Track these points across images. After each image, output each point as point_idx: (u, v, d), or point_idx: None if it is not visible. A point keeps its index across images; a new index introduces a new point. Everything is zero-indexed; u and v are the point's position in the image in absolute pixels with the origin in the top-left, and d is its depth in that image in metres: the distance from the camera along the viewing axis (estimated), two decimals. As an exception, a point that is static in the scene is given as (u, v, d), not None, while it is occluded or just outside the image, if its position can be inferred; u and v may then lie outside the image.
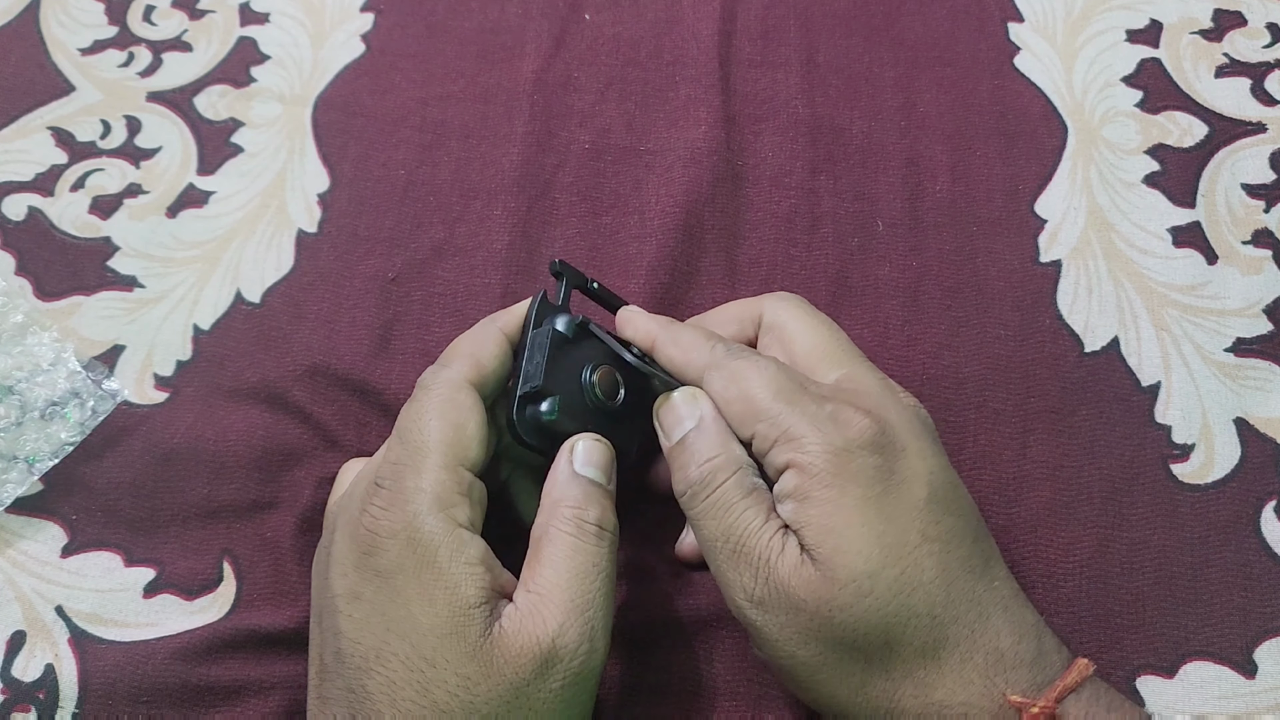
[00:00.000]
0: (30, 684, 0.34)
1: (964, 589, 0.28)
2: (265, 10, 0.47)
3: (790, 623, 0.28)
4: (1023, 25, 0.46)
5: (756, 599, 0.28)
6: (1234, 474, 0.36)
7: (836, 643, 0.28)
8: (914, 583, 0.27)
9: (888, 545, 0.28)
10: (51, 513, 0.37)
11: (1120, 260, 0.41)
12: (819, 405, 0.29)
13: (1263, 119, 0.43)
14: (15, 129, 0.44)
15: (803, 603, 0.27)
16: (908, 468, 0.29)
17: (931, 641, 0.27)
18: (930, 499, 0.28)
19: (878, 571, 0.27)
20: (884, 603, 0.27)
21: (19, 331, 0.39)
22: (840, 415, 0.29)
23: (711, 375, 0.31)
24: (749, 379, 0.30)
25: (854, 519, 0.28)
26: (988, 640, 0.28)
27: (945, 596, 0.28)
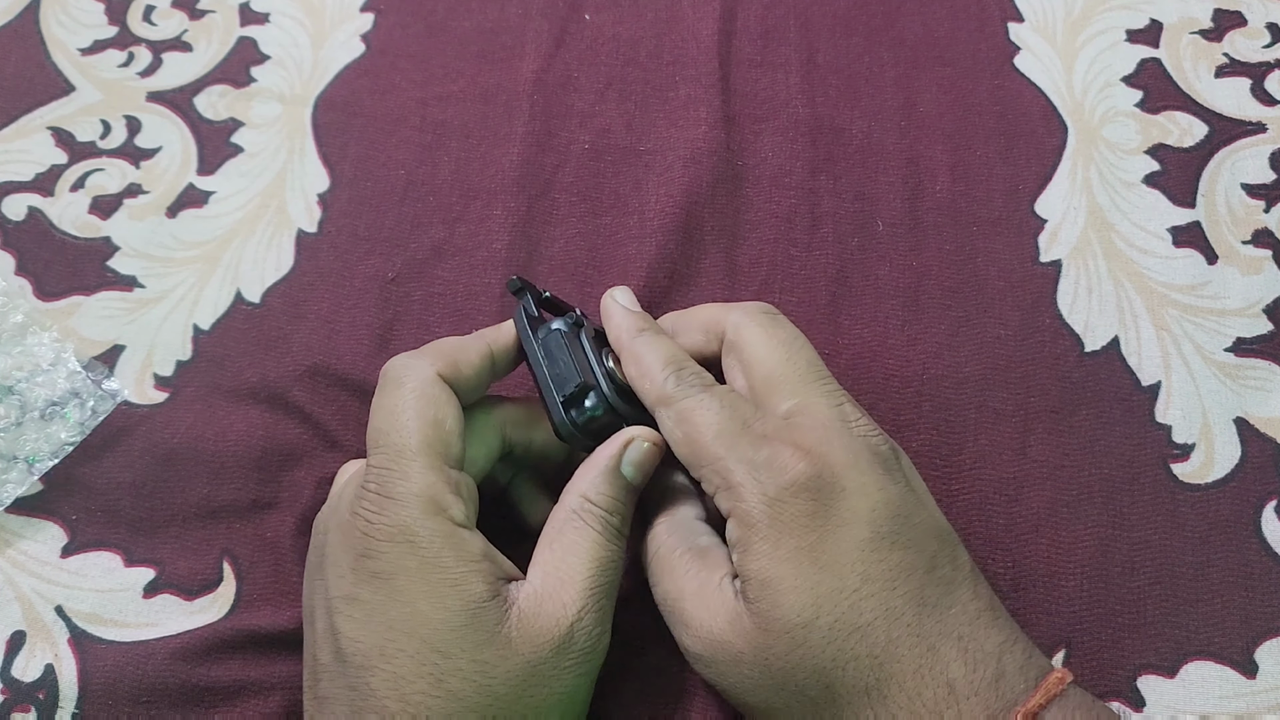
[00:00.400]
0: (30, 684, 0.34)
1: (909, 625, 0.27)
2: (265, 10, 0.47)
3: (734, 673, 0.28)
4: (1023, 25, 0.46)
5: (696, 656, 0.29)
6: (1234, 474, 0.36)
7: (779, 689, 0.28)
8: (851, 626, 0.27)
9: (822, 595, 0.27)
10: (51, 513, 0.37)
11: (1120, 260, 0.41)
12: (755, 449, 0.29)
13: (1263, 119, 0.43)
14: (15, 129, 0.44)
15: (741, 654, 0.28)
16: (847, 508, 0.28)
17: (875, 681, 0.27)
18: (874, 538, 0.28)
19: (811, 621, 0.27)
20: (818, 651, 0.27)
21: (19, 332, 0.39)
22: (776, 460, 0.29)
23: (661, 413, 0.31)
24: (694, 420, 0.30)
25: (788, 570, 0.28)
26: (937, 674, 0.27)
27: (887, 637, 0.27)
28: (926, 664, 0.27)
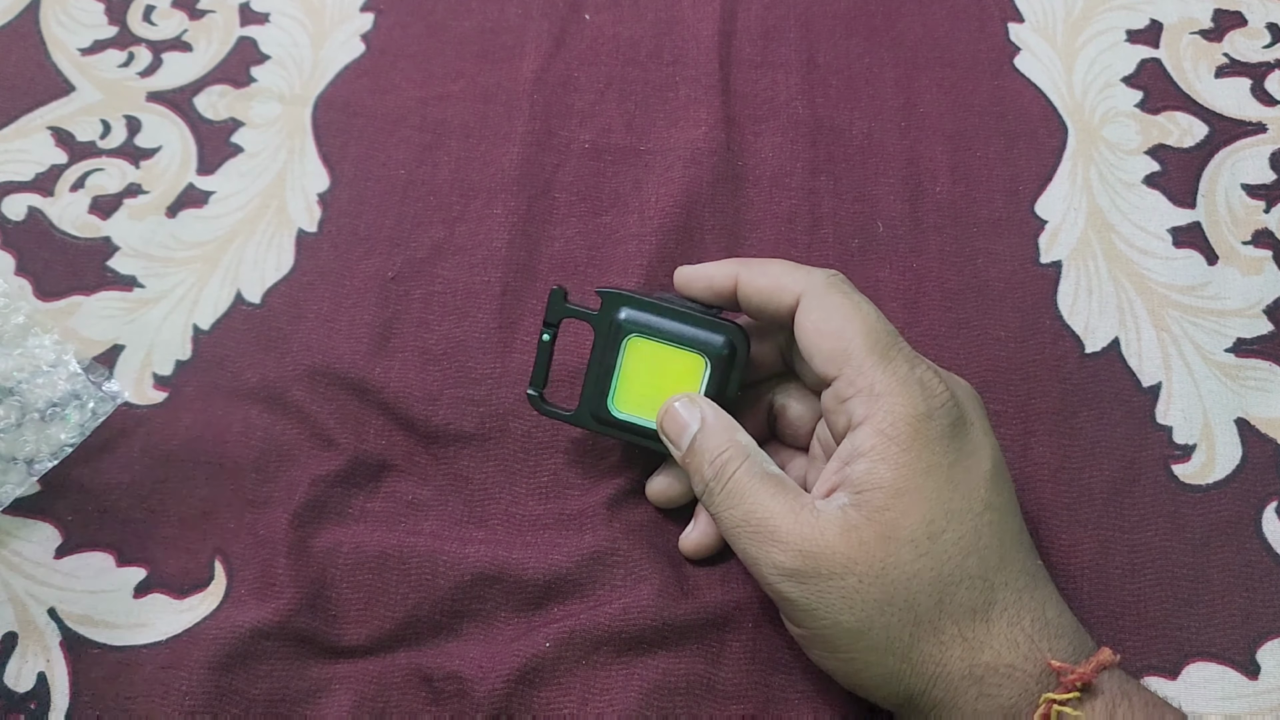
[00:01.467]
0: (22, 695, 0.34)
1: (1016, 557, 0.29)
2: (265, 10, 0.47)
3: (833, 588, 0.28)
4: (1023, 26, 0.46)
5: (790, 571, 0.29)
6: (1235, 474, 0.36)
7: (886, 603, 0.28)
8: (971, 546, 0.28)
9: (952, 511, 0.28)
10: (46, 513, 0.37)
11: (1120, 261, 0.40)
12: (910, 367, 0.30)
13: (1263, 119, 0.43)
14: (15, 129, 0.44)
15: (851, 564, 0.28)
16: (973, 441, 0.30)
17: (983, 603, 0.28)
18: (995, 472, 0.30)
19: (939, 534, 0.28)
20: (941, 563, 0.28)
21: (20, 333, 0.39)
22: (927, 380, 0.30)
23: (809, 303, 0.31)
24: (848, 317, 0.30)
25: (926, 483, 0.28)
26: (1035, 606, 0.28)
27: (999, 561, 0.29)
28: (1028, 596, 0.29)
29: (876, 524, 0.28)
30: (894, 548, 0.28)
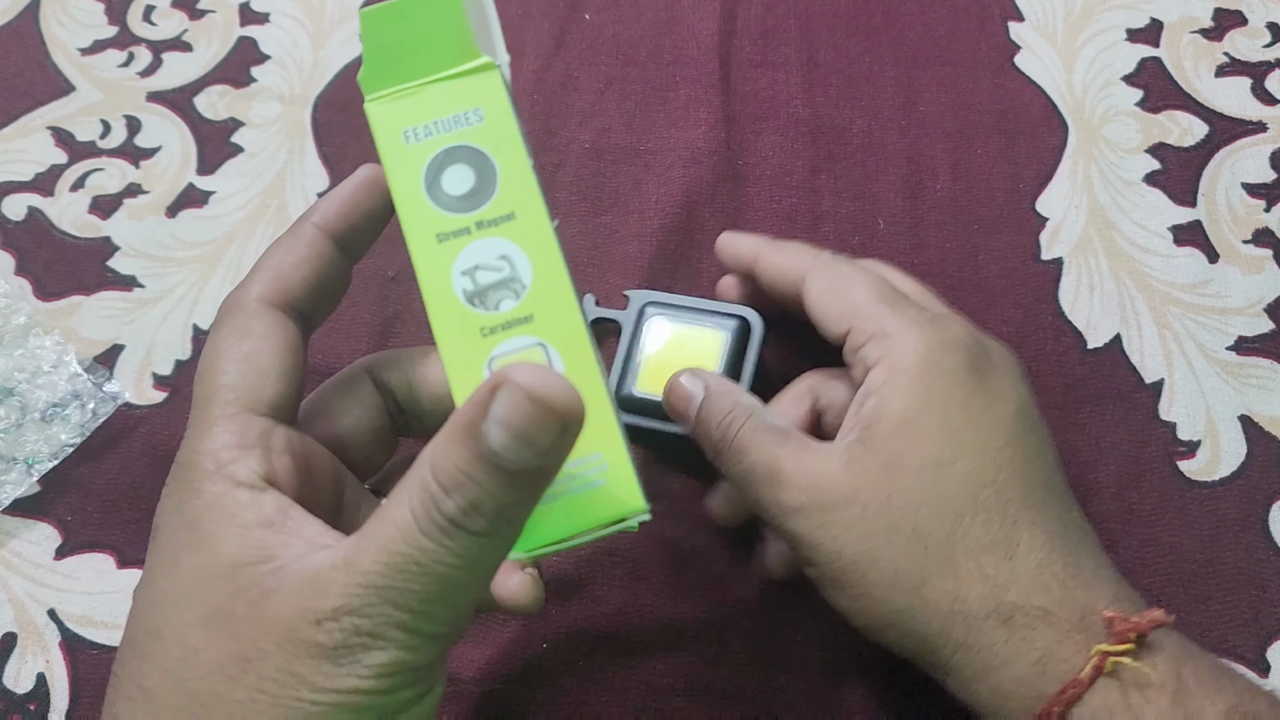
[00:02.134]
0: (22, 696, 0.34)
1: (1047, 501, 0.27)
2: (265, 10, 0.47)
3: (838, 520, 0.27)
4: (1023, 24, 0.46)
5: (796, 508, 0.28)
6: (1241, 471, 0.36)
7: (891, 531, 0.27)
8: (988, 478, 0.27)
9: (964, 443, 0.27)
10: (46, 514, 0.37)
11: (1122, 258, 0.40)
12: (920, 311, 0.30)
13: (1263, 118, 0.43)
14: (15, 129, 0.44)
15: (855, 494, 0.27)
16: (998, 383, 0.29)
17: (1004, 539, 0.27)
18: (1020, 414, 0.29)
19: (948, 463, 0.27)
20: (951, 492, 0.27)
21: (21, 333, 0.39)
22: (941, 322, 0.29)
23: (815, 275, 0.31)
24: (851, 279, 0.31)
25: (934, 413, 0.28)
26: (1069, 552, 0.27)
27: (1023, 500, 0.27)
28: (1060, 540, 0.27)
29: (881, 453, 0.27)
30: (899, 475, 0.27)
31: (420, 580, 0.20)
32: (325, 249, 0.26)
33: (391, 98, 0.24)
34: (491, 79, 0.24)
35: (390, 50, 0.24)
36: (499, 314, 0.23)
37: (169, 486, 0.24)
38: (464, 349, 0.23)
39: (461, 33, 0.24)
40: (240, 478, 0.23)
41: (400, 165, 0.24)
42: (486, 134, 0.24)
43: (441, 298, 0.23)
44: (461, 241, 0.23)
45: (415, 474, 0.21)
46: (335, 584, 0.21)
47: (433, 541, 0.20)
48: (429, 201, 0.24)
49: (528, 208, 0.24)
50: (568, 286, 0.23)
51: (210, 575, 0.22)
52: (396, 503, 0.21)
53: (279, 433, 0.24)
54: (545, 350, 0.23)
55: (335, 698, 0.21)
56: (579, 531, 0.22)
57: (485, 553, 0.21)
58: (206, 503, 0.23)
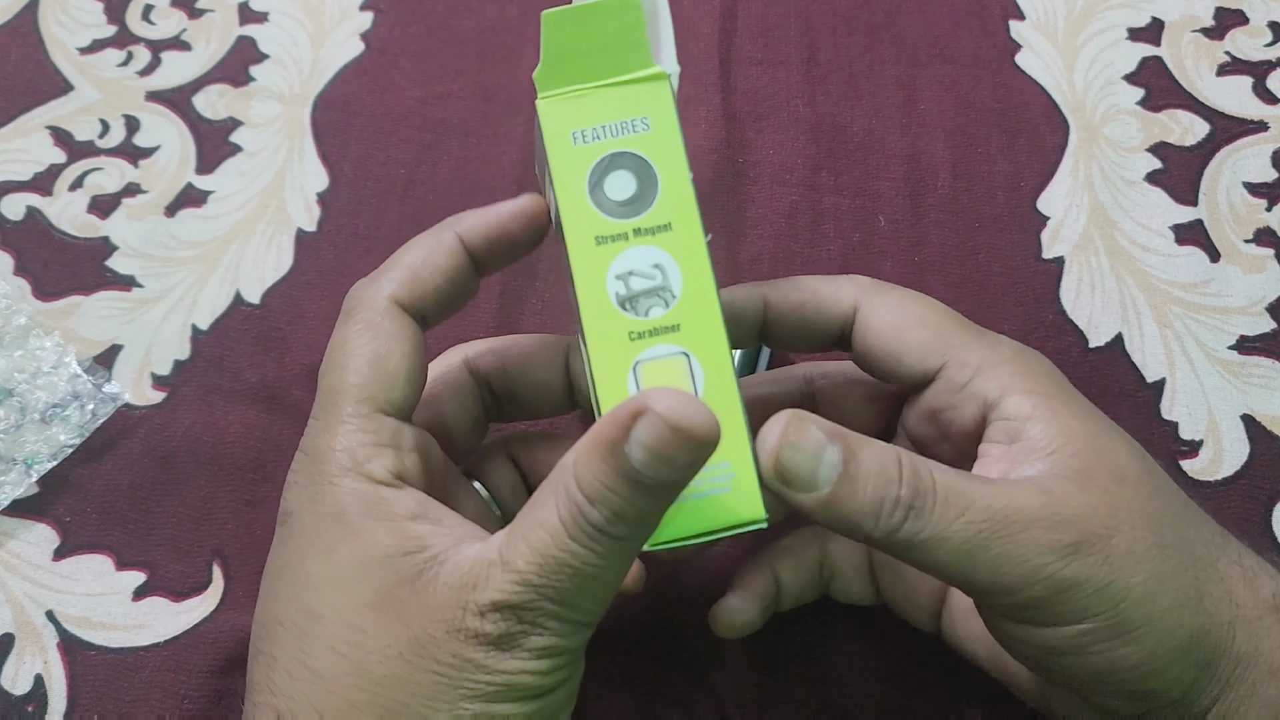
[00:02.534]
0: (19, 698, 0.34)
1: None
2: (264, 9, 0.47)
3: (1115, 549, 0.23)
4: (1024, 23, 0.46)
5: (1071, 546, 0.22)
6: (1243, 471, 0.36)
7: (1162, 547, 0.23)
8: (1171, 483, 0.25)
9: (1137, 450, 0.25)
10: (44, 514, 0.36)
11: (1123, 257, 0.40)
12: (1001, 337, 0.27)
13: (1264, 117, 0.43)
14: (13, 128, 0.44)
15: (1113, 515, 0.23)
16: None
17: (1220, 530, 0.25)
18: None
19: (1150, 469, 0.25)
20: (1172, 495, 0.25)
21: (21, 334, 0.39)
22: (1020, 346, 0.27)
23: (875, 301, 0.27)
24: (922, 305, 0.27)
25: (1105, 428, 0.25)
26: (1230, 537, 0.25)
27: (1190, 500, 0.26)
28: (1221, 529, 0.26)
29: (1104, 468, 0.24)
30: (1133, 487, 0.24)
31: (572, 579, 0.22)
32: (462, 262, 0.26)
33: (563, 97, 0.24)
34: (661, 89, 0.25)
35: (567, 51, 0.24)
36: (648, 320, 0.24)
37: (298, 474, 0.25)
38: (612, 350, 0.24)
39: (638, 40, 0.24)
40: (376, 475, 0.24)
41: (566, 165, 0.24)
42: (651, 143, 0.25)
43: (595, 298, 0.24)
44: (619, 246, 0.24)
45: (559, 481, 0.22)
46: (493, 579, 0.22)
47: (582, 546, 0.22)
48: (591, 204, 0.24)
49: (684, 220, 0.24)
50: (714, 300, 0.24)
51: (372, 562, 0.23)
52: (544, 508, 0.22)
53: (406, 432, 0.25)
54: (688, 359, 0.24)
55: (506, 679, 0.22)
56: (702, 533, 0.24)
57: (625, 553, 0.22)
58: (350, 496, 0.24)
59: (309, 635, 0.23)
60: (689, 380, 0.24)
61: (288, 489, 0.26)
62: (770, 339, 0.28)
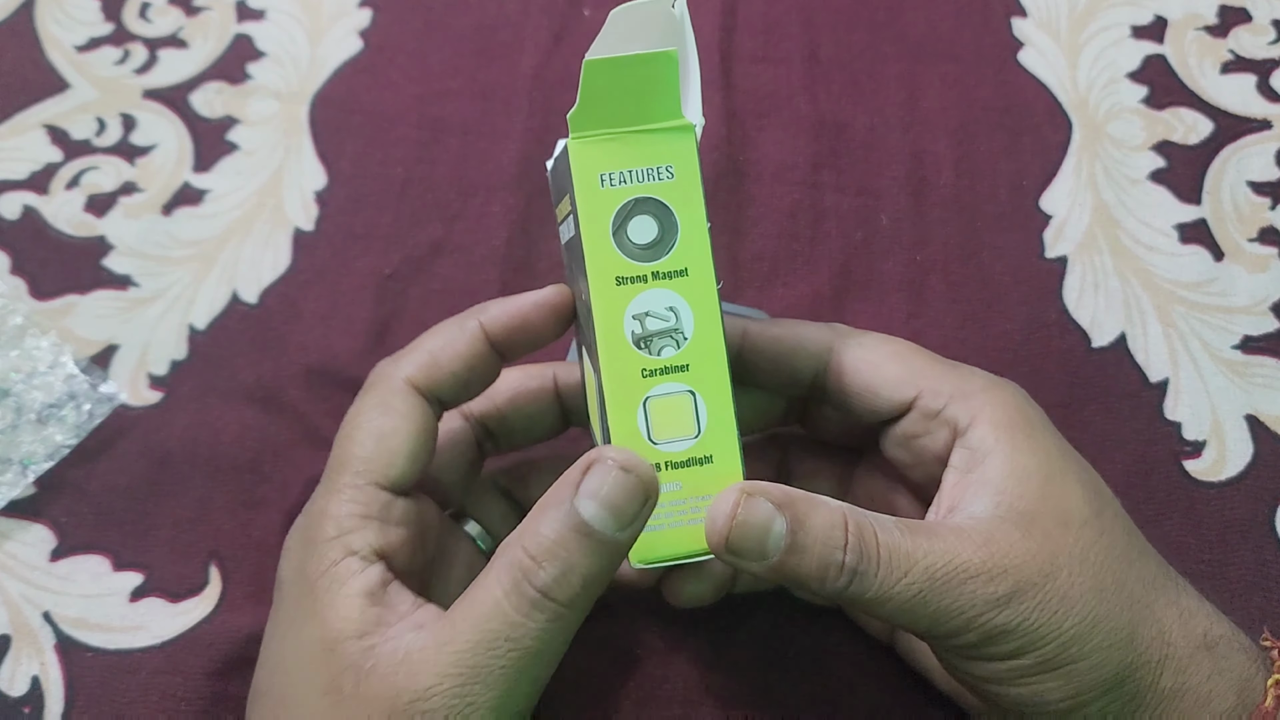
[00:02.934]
0: (16, 699, 0.33)
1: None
2: (262, 7, 0.47)
3: (1049, 594, 0.24)
4: (1026, 20, 0.46)
5: (1004, 597, 0.24)
6: (1247, 472, 0.36)
7: (1099, 590, 0.24)
8: (1127, 522, 0.26)
9: (1095, 486, 0.26)
10: (41, 515, 0.36)
11: (1126, 256, 0.40)
12: (974, 369, 0.28)
13: (1268, 116, 0.43)
14: (10, 126, 0.44)
15: (1053, 560, 0.24)
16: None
17: (1166, 570, 0.25)
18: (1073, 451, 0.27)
19: (1101, 510, 0.25)
20: (1117, 536, 0.25)
21: (18, 334, 0.39)
22: (994, 377, 0.28)
23: (849, 343, 0.28)
24: (897, 343, 0.28)
25: (1065, 464, 0.26)
26: (1179, 585, 0.26)
27: (1145, 540, 0.27)
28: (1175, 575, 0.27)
29: (1048, 513, 0.25)
30: (1076, 531, 0.25)
31: (509, 656, 0.23)
32: (482, 349, 0.28)
33: (595, 140, 0.26)
34: (687, 139, 0.26)
35: (603, 97, 0.25)
36: (659, 359, 0.26)
37: (293, 537, 0.27)
38: (625, 385, 0.25)
39: (671, 91, 0.25)
40: (354, 546, 0.25)
41: (594, 206, 0.26)
42: (675, 191, 0.26)
43: (612, 336, 0.25)
44: (637, 288, 0.26)
45: (503, 557, 0.23)
46: (426, 665, 0.23)
47: (522, 615, 0.23)
48: (614, 245, 0.26)
49: (699, 266, 0.26)
50: (722, 344, 0.26)
51: (327, 645, 0.24)
52: (484, 586, 0.23)
53: (398, 505, 0.27)
54: (694, 398, 0.26)
55: None
56: (692, 554, 0.25)
57: (565, 627, 0.23)
58: (323, 568, 0.25)
59: (281, 717, 0.25)
60: (693, 416, 0.26)
61: (284, 553, 0.27)
62: (746, 371, 0.29)
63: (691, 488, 0.25)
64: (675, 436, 0.25)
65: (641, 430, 0.25)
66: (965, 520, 0.25)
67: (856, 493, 0.31)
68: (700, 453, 0.25)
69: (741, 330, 0.29)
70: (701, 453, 0.25)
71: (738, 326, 0.29)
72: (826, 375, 0.28)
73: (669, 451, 0.25)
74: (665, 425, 0.25)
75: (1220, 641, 0.25)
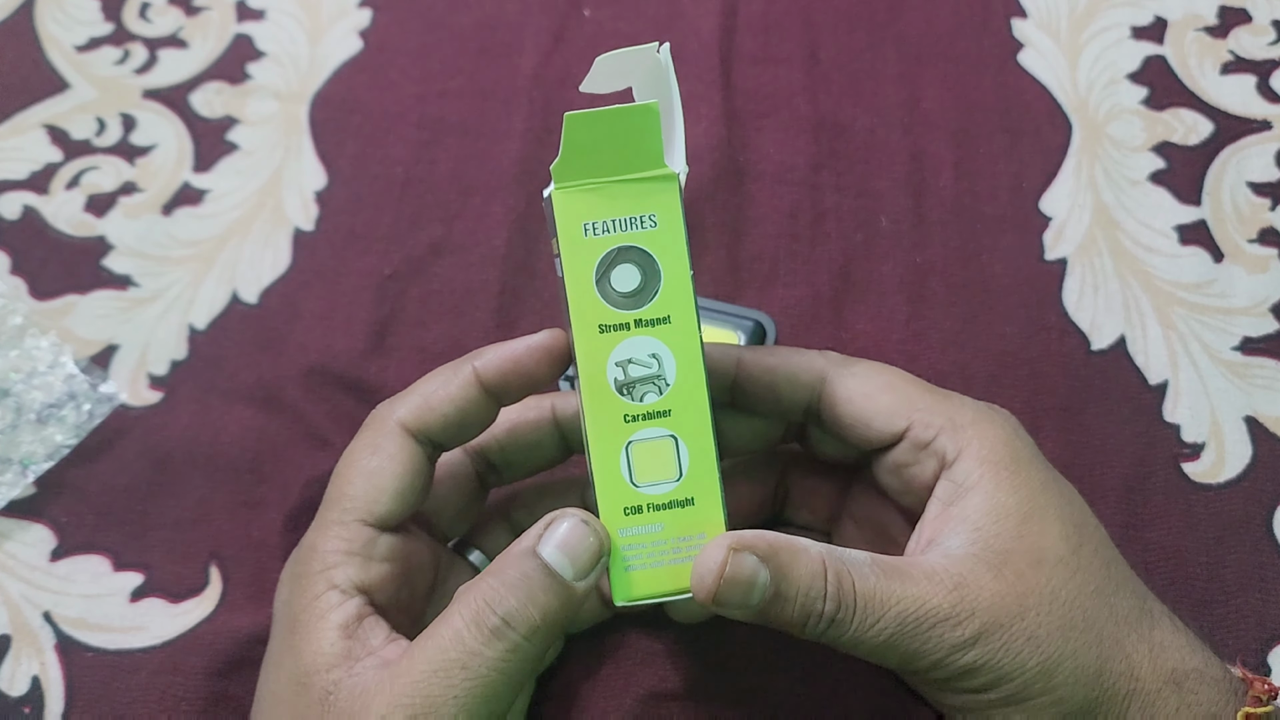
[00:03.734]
0: (16, 699, 0.33)
1: (1123, 559, 0.27)
2: (262, 7, 0.47)
3: (1015, 634, 0.25)
4: (1026, 21, 0.46)
5: (974, 638, 0.25)
6: (1246, 474, 0.36)
7: (1067, 629, 0.25)
8: (1108, 555, 0.27)
9: (1077, 522, 0.26)
10: (42, 516, 0.36)
11: (1126, 258, 0.40)
12: (965, 399, 0.28)
13: (1268, 116, 0.43)
14: (10, 126, 0.44)
15: (1022, 601, 0.25)
16: (1045, 457, 0.28)
17: (1144, 609, 0.26)
18: (1066, 480, 0.28)
19: (1079, 547, 0.26)
20: (1094, 574, 0.26)
21: (18, 334, 0.39)
22: (987, 406, 0.28)
23: (843, 372, 0.28)
24: (890, 372, 0.28)
25: (1047, 500, 0.26)
26: (1176, 619, 0.27)
27: (1129, 572, 0.27)
28: (1161, 602, 0.27)
29: (1022, 552, 0.25)
30: (1049, 570, 0.25)
31: (464, 685, 0.24)
32: (475, 394, 0.28)
33: (577, 189, 0.26)
34: (670, 188, 0.26)
35: (585, 148, 0.26)
36: (642, 405, 0.26)
37: (288, 569, 0.28)
38: (608, 430, 0.26)
39: (653, 140, 0.26)
40: (336, 580, 0.27)
41: (577, 255, 0.26)
42: (657, 239, 0.26)
43: (596, 382, 0.26)
44: (620, 335, 0.26)
45: (467, 594, 0.25)
46: (381, 696, 0.24)
47: (481, 643, 0.24)
48: (597, 294, 0.26)
49: (682, 314, 0.26)
50: (704, 390, 0.26)
51: (299, 679, 0.25)
52: (447, 620, 0.24)
53: (383, 541, 0.28)
54: (676, 442, 0.26)
55: None
56: (671, 593, 0.26)
57: (521, 662, 0.24)
58: (305, 601, 0.26)
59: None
60: (675, 460, 0.26)
61: (278, 587, 0.29)
62: (741, 398, 0.29)
63: (673, 529, 0.26)
64: (657, 480, 0.26)
65: (624, 473, 0.26)
66: (938, 560, 0.26)
67: (852, 508, 0.32)
68: (682, 495, 0.26)
69: (736, 360, 0.29)
70: (683, 495, 0.26)
71: (731, 356, 0.29)
72: (820, 404, 0.29)
73: (651, 494, 0.26)
74: (647, 469, 0.26)
75: (1190, 676, 0.25)
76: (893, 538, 0.30)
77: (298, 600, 0.27)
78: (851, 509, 0.32)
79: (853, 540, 0.31)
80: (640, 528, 0.26)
